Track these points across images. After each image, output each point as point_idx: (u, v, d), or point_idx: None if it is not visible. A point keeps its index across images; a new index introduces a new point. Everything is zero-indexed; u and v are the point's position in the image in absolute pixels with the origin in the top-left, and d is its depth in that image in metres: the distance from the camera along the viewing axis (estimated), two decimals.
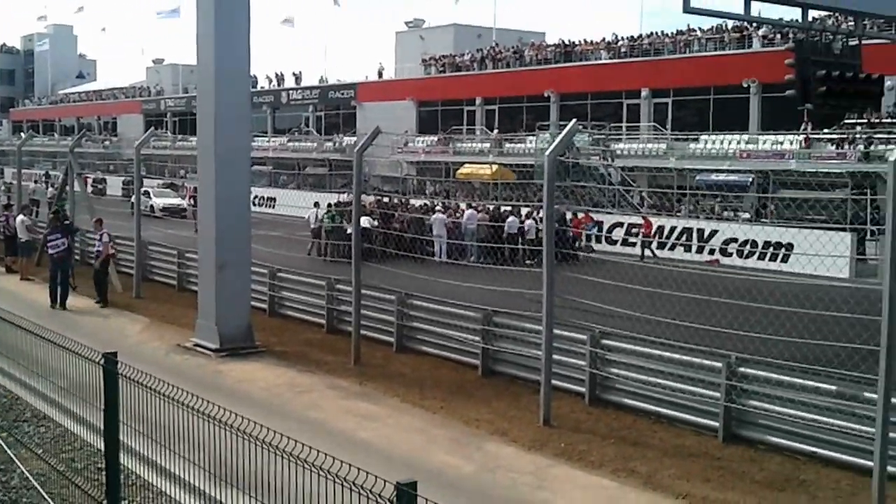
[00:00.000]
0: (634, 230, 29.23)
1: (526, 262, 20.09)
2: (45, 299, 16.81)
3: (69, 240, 17.53)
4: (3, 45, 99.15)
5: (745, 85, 36.01)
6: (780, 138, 33.85)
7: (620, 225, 29.46)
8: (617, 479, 8.23)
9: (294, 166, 53.44)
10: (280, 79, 62.07)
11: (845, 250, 22.56)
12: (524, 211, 26.47)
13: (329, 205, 25.36)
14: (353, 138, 49.88)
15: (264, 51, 61.52)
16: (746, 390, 9.25)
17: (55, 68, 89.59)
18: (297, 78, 60.97)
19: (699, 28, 40.47)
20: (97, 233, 17.82)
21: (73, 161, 21.32)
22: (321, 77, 59.56)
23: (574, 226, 24.31)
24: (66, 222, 18.57)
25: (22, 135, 50.68)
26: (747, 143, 35.05)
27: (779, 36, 34.69)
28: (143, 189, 21.25)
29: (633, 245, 28.09)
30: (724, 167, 34.19)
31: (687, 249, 27.73)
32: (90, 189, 28.70)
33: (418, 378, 11.87)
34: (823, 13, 18.68)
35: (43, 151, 62.32)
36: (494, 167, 41.05)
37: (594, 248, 26.32)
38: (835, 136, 31.44)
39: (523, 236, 23.76)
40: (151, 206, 34.25)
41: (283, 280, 16.28)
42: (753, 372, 9.32)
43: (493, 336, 12.02)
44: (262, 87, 60.64)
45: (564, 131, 10.16)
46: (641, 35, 42.93)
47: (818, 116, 29.15)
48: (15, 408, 9.56)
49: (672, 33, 41.32)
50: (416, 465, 8.42)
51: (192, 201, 28.79)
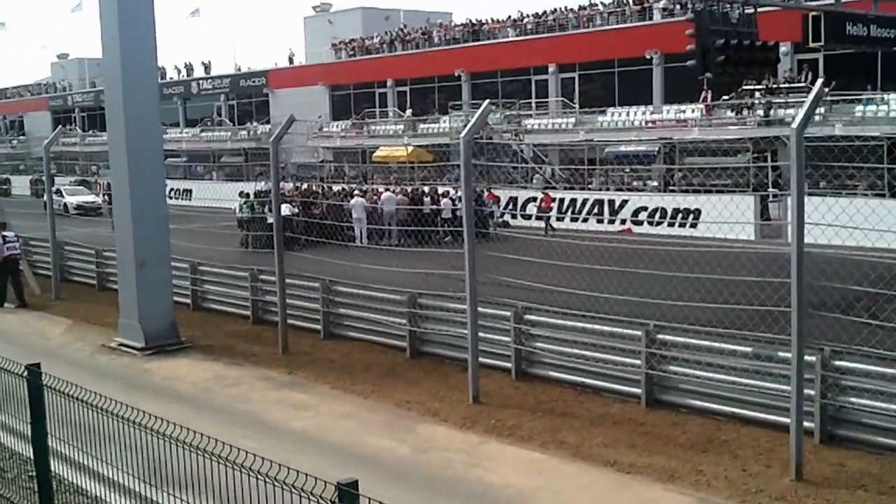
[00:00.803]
0: (543, 205, 29.82)
1: (444, 240, 20.24)
2: None
3: None
4: None
5: (648, 56, 36.80)
6: (682, 108, 34.82)
7: (534, 200, 29.97)
8: (546, 451, 8.44)
9: (209, 157, 52.41)
10: (189, 69, 60.60)
11: (749, 212, 23.49)
12: (441, 191, 26.66)
13: (247, 194, 25.02)
14: (268, 126, 49.22)
15: (172, 43, 60.08)
16: (666, 357, 9.57)
17: None
18: (207, 67, 59.65)
19: (601, 2, 41.11)
20: None
21: None
22: (236, 65, 58.44)
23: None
24: None
25: None
26: (652, 113, 35.94)
27: (678, 6, 35.58)
28: (55, 188, 20.60)
29: (547, 219, 28.64)
30: (631, 138, 34.97)
31: (600, 221, 28.41)
32: None
33: (348, 364, 11.90)
34: None
35: None
36: (410, 148, 41.08)
37: (510, 223, 26.74)
38: (734, 103, 32.47)
39: (439, 216, 23.92)
40: (65, 204, 33.25)
41: (206, 273, 16.06)
42: (672, 338, 9.64)
43: (419, 318, 12.13)
44: (171, 78, 59.12)
45: (478, 112, 10.24)
46: (546, 11, 43.40)
47: (717, 84, 30.05)
48: None
49: (575, 8, 41.88)
50: (351, 452, 8.49)
51: (107, 198, 27.99)
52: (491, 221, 22.70)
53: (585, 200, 29.63)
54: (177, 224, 15.33)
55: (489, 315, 10.85)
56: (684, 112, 34.60)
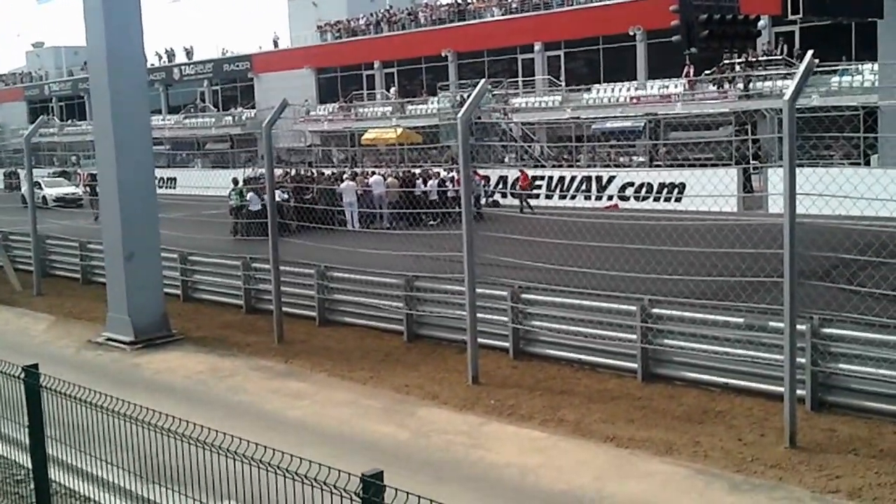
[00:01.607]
0: (538, 182, 29.89)
1: (430, 223, 20.20)
2: None
3: None
4: None
5: (632, 33, 36.79)
6: (666, 83, 34.87)
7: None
8: (546, 429, 8.51)
9: (193, 144, 52.12)
10: (171, 55, 60.07)
11: (732, 184, 23.68)
12: (430, 172, 26.65)
13: (235, 180, 24.95)
14: (253, 111, 48.95)
15: (153, 28, 59.44)
16: (661, 330, 9.66)
17: None
18: (189, 53, 59.16)
19: None
20: None
21: None
22: (223, 50, 57.98)
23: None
24: None
25: None
26: (636, 89, 35.98)
27: None
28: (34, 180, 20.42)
29: (536, 197, 28.78)
30: (617, 115, 35.02)
31: (587, 197, 28.52)
32: None
33: (344, 350, 11.91)
34: None
35: None
36: (399, 130, 40.97)
37: (500, 203, 26.79)
38: (716, 78, 32.57)
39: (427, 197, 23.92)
40: (44, 196, 33.02)
41: (196, 263, 15.98)
42: (666, 312, 9.72)
43: (415, 301, 12.15)
44: (152, 65, 58.54)
45: (475, 92, 10.15)
46: None
47: (699, 59, 30.13)
48: None
49: None
50: (351, 439, 8.52)
51: (89, 189, 27.86)
52: (481, 202, 22.72)
53: (573, 178, 29.70)
54: (163, 213, 15.19)
55: (486, 295, 10.87)
56: (668, 87, 34.72)
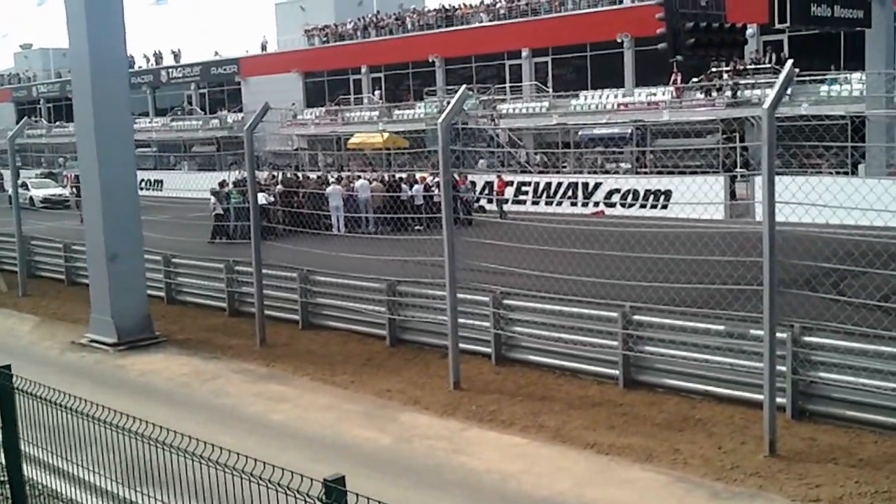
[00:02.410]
0: (524, 188, 29.97)
1: (416, 228, 20.19)
2: None
3: None
4: None
5: (619, 40, 36.95)
6: (653, 90, 35.03)
7: (510, 184, 30.10)
8: (527, 435, 8.52)
9: (180, 147, 51.96)
10: (158, 57, 59.87)
11: (720, 191, 23.82)
12: (419, 177, 26.63)
13: (222, 183, 24.85)
14: (240, 115, 48.85)
15: (141, 31, 59.34)
16: (642, 337, 9.68)
17: None
18: (177, 56, 58.98)
19: None
20: None
21: None
22: (215, 52, 57.82)
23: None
24: None
25: None
26: (624, 96, 36.13)
27: None
28: (20, 181, 20.30)
29: (522, 202, 28.82)
30: (604, 121, 35.15)
31: (573, 203, 28.58)
32: None
33: (327, 354, 11.89)
34: None
35: None
36: (385, 135, 40.98)
37: (486, 209, 26.82)
38: (703, 85, 32.77)
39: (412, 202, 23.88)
40: (30, 197, 32.86)
41: (180, 266, 15.93)
42: (648, 319, 9.74)
43: (398, 305, 12.14)
44: (139, 67, 58.40)
45: (455, 98, 10.24)
46: None
47: (686, 67, 30.33)
48: None
49: None
50: (333, 443, 8.51)
51: (75, 190, 27.70)
52: (467, 207, 22.71)
53: (560, 184, 29.77)
54: (148, 215, 15.16)
55: (468, 301, 10.89)
56: (655, 94, 34.87)
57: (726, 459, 7.69)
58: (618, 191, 27.98)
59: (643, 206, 26.47)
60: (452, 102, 10.18)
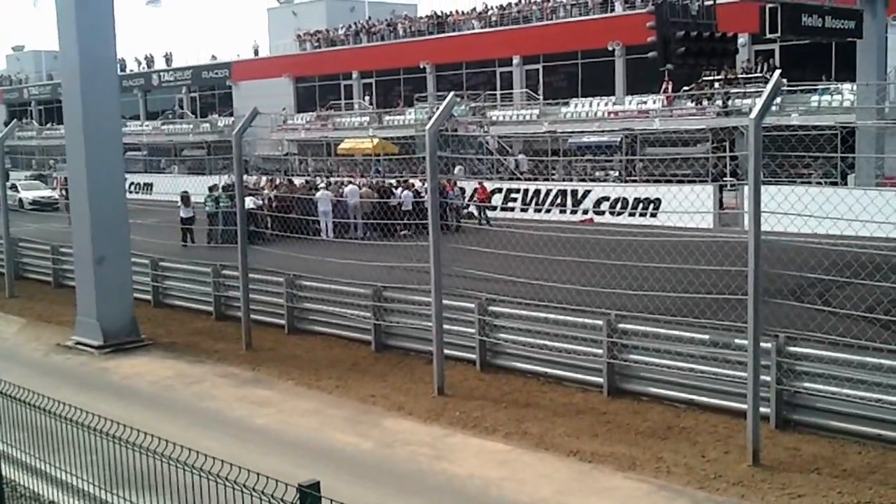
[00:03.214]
0: (513, 195, 30.00)
1: (401, 233, 20.19)
2: None
3: None
4: None
5: (610, 48, 37.07)
6: (644, 98, 35.12)
7: (499, 191, 30.14)
8: (510, 442, 8.50)
9: (170, 150, 51.86)
10: (150, 61, 59.81)
11: (707, 200, 23.90)
12: (406, 183, 26.62)
13: (211, 187, 24.84)
14: (230, 119, 48.78)
15: (132, 34, 59.14)
16: (627, 345, 9.68)
17: None
18: (168, 59, 58.92)
19: None
20: None
21: None
22: (210, 55, 57.67)
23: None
24: None
25: None
26: (614, 104, 36.21)
27: None
28: (9, 182, 20.27)
29: (511, 210, 28.84)
30: (594, 129, 35.22)
31: (563, 211, 28.63)
32: None
33: (312, 359, 11.86)
34: None
35: None
36: (375, 141, 41.00)
37: (475, 215, 26.83)
38: (694, 94, 32.88)
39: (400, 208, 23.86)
40: (20, 199, 32.77)
41: (167, 269, 15.89)
42: (632, 327, 9.75)
43: (383, 311, 12.12)
44: (131, 70, 58.32)
45: (443, 105, 10.23)
46: (510, 3, 43.52)
47: (677, 75, 30.44)
48: None
49: (539, 1, 42.01)
50: (316, 448, 8.48)
51: (64, 193, 27.63)
52: (456, 213, 22.72)
53: (549, 191, 29.82)
54: (138, 219, 15.13)
55: (454, 307, 10.88)
56: (646, 103, 34.94)
57: (709, 468, 7.69)
58: (607, 199, 28.05)
59: (632, 215, 26.51)
60: (440, 109, 10.17)
